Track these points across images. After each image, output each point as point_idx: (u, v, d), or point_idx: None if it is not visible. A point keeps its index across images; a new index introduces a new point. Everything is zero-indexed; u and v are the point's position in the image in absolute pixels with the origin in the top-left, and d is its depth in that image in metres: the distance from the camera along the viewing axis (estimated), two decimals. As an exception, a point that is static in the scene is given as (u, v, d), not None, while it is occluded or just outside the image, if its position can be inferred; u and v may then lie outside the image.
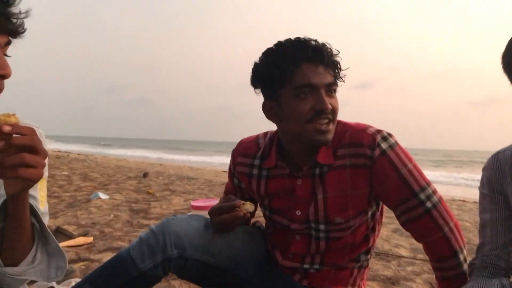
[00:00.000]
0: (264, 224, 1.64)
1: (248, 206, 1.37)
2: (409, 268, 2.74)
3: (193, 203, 2.55)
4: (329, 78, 1.28)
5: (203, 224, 1.42)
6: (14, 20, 0.90)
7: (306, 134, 1.29)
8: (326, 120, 1.28)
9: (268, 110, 1.37)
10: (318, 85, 1.26)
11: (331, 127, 1.30)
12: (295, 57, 1.26)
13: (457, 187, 13.44)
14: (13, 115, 0.79)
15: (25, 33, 0.93)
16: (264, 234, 1.59)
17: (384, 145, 1.30)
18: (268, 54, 1.32)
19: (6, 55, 0.94)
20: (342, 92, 1.36)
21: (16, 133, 0.78)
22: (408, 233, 3.74)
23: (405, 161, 1.31)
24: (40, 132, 1.16)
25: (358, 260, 1.47)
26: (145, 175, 8.29)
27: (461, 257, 1.33)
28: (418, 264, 2.85)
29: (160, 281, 1.39)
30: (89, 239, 3.19)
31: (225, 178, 9.55)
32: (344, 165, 1.32)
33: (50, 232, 1.06)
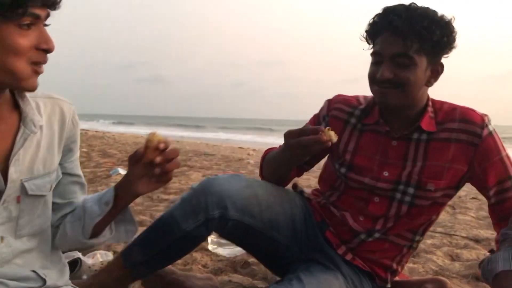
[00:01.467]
0: (305, 189, 1.65)
1: (332, 134, 1.28)
2: (429, 241, 2.74)
3: (213, 177, 2.57)
4: (397, 48, 1.32)
5: (244, 185, 1.43)
6: None
7: (372, 93, 1.44)
8: (382, 86, 1.36)
9: None
10: (382, 54, 1.35)
11: (391, 91, 1.35)
12: (377, 25, 1.37)
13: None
14: (155, 133, 1.02)
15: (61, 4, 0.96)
16: (305, 200, 1.61)
17: (490, 127, 1.39)
18: (374, 16, 1.40)
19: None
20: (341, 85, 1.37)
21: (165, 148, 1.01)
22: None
23: (504, 147, 1.42)
24: (73, 109, 1.20)
25: (413, 239, 1.51)
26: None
27: None
28: (437, 237, 2.85)
29: (205, 240, 1.44)
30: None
31: (241, 154, 9.59)
32: (451, 138, 1.39)
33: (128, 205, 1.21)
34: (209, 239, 2.59)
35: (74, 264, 1.92)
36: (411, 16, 1.29)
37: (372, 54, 1.40)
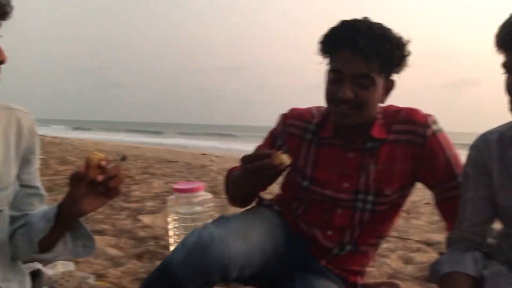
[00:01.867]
0: (275, 206, 1.61)
1: (285, 157, 1.26)
2: (385, 245, 2.85)
3: (176, 186, 2.59)
4: (360, 69, 1.31)
5: (240, 242, 1.32)
6: (4, 3, 0.93)
7: (330, 111, 1.45)
8: (342, 107, 1.35)
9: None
10: (344, 73, 1.33)
11: (352, 112, 1.36)
12: (338, 40, 1.34)
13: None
14: (96, 152, 1.03)
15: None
16: (282, 218, 1.56)
17: (435, 127, 1.41)
18: (329, 29, 1.38)
19: None
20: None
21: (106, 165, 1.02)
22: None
23: (450, 145, 1.44)
24: (32, 119, 1.19)
25: (378, 243, 1.58)
26: (123, 158, 8.25)
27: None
28: (392, 241, 2.97)
29: None
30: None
31: (203, 161, 9.58)
32: (398, 140, 1.43)
33: (82, 221, 1.19)
34: (171, 247, 2.60)
35: (36, 275, 1.90)
36: (374, 37, 1.29)
37: (331, 71, 1.38)
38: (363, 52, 1.28)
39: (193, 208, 2.53)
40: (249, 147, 1.71)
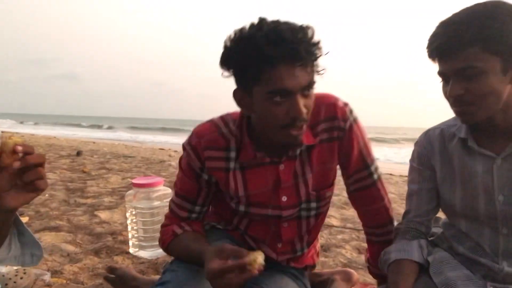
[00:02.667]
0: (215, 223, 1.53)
1: (261, 259, 1.05)
2: (339, 236, 2.97)
3: (134, 181, 2.58)
4: (305, 79, 1.15)
5: None
6: None
7: (277, 137, 1.23)
8: (301, 125, 1.20)
9: (239, 100, 1.24)
10: (293, 90, 1.13)
11: (304, 129, 1.23)
12: (271, 57, 1.10)
13: (383, 162, 14.19)
14: (13, 136, 0.89)
15: None
16: (227, 234, 1.50)
17: (351, 117, 1.36)
18: (241, 46, 1.14)
19: None
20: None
21: (24, 152, 0.87)
22: (340, 204, 3.99)
23: (363, 134, 1.41)
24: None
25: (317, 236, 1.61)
26: (79, 153, 8.04)
27: (395, 225, 1.50)
28: (347, 232, 3.09)
29: None
30: (25, 219, 3.12)
31: (162, 156, 9.46)
32: (322, 139, 1.35)
33: (25, 225, 1.12)
34: (130, 242, 2.59)
35: (-12, 273, 1.85)
36: (303, 41, 1.12)
37: (273, 92, 1.15)
38: (303, 62, 1.12)
39: (152, 203, 2.53)
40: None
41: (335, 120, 1.34)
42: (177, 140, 23.49)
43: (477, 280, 1.23)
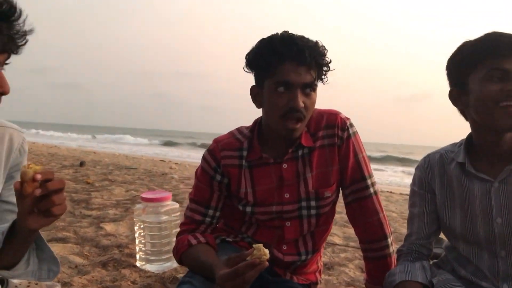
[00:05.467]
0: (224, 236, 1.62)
1: (265, 250, 1.15)
2: (343, 255, 3.01)
3: (143, 195, 2.63)
4: (307, 78, 1.37)
5: None
6: (17, 38, 0.93)
7: (277, 127, 1.42)
8: (297, 117, 1.38)
9: (255, 95, 1.48)
10: (295, 84, 1.36)
11: (299, 125, 1.40)
12: (281, 53, 1.35)
13: (384, 179, 14.22)
14: (32, 164, 0.95)
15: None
16: (235, 246, 1.60)
17: (351, 130, 1.52)
18: (260, 45, 1.41)
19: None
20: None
21: (44, 179, 0.93)
22: (342, 223, 4.03)
23: (361, 148, 1.55)
24: (23, 137, 1.22)
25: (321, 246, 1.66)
26: (82, 164, 8.08)
27: (389, 241, 1.56)
28: (350, 251, 3.12)
29: None
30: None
31: (163, 168, 9.51)
32: (324, 144, 1.51)
33: (45, 241, 1.15)
34: (137, 255, 2.64)
35: (1, 283, 1.89)
36: (311, 47, 1.37)
37: (278, 83, 1.38)
38: (307, 63, 1.35)
39: (160, 218, 2.58)
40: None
41: (334, 128, 1.51)
42: (176, 152, 23.56)
43: (479, 303, 1.28)
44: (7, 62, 0.97)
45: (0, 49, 0.91)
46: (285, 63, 1.36)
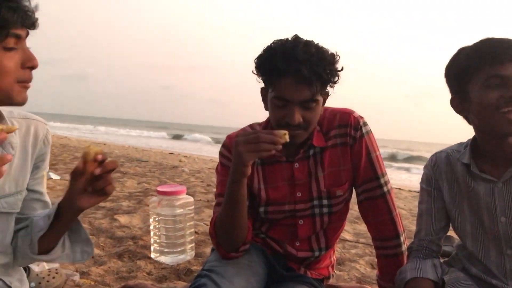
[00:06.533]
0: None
1: (287, 136, 1.29)
2: (353, 251, 3.05)
3: (159, 188, 2.68)
4: (306, 95, 1.35)
5: None
6: (30, 14, 1.00)
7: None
8: (294, 130, 1.38)
9: (263, 96, 1.50)
10: (291, 100, 1.36)
11: (299, 132, 1.41)
12: (280, 69, 1.34)
13: (392, 175, 14.16)
14: (90, 145, 1.03)
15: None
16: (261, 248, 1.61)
17: (364, 129, 1.53)
18: (263, 56, 1.40)
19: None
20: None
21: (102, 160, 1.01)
22: (352, 219, 4.07)
23: (375, 147, 1.56)
24: (47, 128, 1.27)
25: (339, 235, 1.70)
26: (94, 155, 8.17)
27: (401, 239, 1.58)
28: (360, 247, 3.16)
29: None
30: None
31: (173, 161, 9.59)
32: (336, 143, 1.53)
33: (81, 223, 1.21)
34: (152, 247, 2.69)
35: (24, 271, 1.96)
36: (313, 62, 1.32)
37: (276, 98, 1.39)
38: (306, 80, 1.32)
39: (175, 211, 2.62)
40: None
41: (347, 128, 1.52)
42: (186, 145, 23.65)
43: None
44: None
45: (20, 24, 0.98)
46: (284, 79, 1.35)
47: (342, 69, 1.42)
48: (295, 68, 1.32)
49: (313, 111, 1.41)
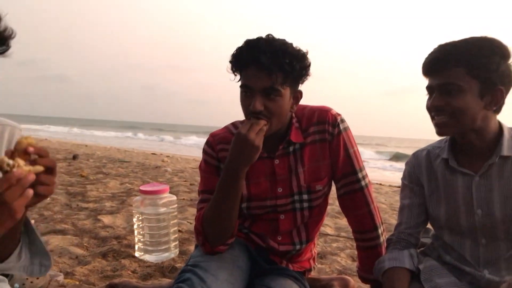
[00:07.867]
0: None
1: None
2: (334, 245, 3.11)
3: (142, 188, 2.70)
4: (266, 83, 1.40)
5: None
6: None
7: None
8: (260, 115, 1.42)
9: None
10: (253, 88, 1.42)
11: (265, 122, 1.43)
12: (244, 59, 1.43)
13: (373, 171, 14.37)
14: (29, 137, 0.88)
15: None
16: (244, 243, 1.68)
17: (341, 126, 1.59)
18: (234, 52, 1.47)
19: None
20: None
21: (37, 154, 0.87)
22: (333, 214, 4.13)
23: (352, 143, 1.62)
24: (21, 132, 1.24)
25: (314, 236, 1.75)
26: (75, 157, 8.11)
27: (379, 231, 1.64)
28: (341, 241, 3.23)
29: None
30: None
31: (155, 161, 9.55)
32: (315, 140, 1.58)
33: (37, 234, 1.15)
34: (136, 246, 2.71)
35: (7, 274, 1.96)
36: (274, 52, 1.38)
37: (242, 87, 1.46)
38: (266, 67, 1.38)
39: (158, 209, 2.65)
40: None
41: (325, 124, 1.58)
42: (168, 145, 23.53)
43: (463, 286, 1.37)
44: None
45: None
46: (247, 68, 1.43)
47: (309, 65, 1.47)
48: (256, 57, 1.39)
49: (276, 103, 1.44)
